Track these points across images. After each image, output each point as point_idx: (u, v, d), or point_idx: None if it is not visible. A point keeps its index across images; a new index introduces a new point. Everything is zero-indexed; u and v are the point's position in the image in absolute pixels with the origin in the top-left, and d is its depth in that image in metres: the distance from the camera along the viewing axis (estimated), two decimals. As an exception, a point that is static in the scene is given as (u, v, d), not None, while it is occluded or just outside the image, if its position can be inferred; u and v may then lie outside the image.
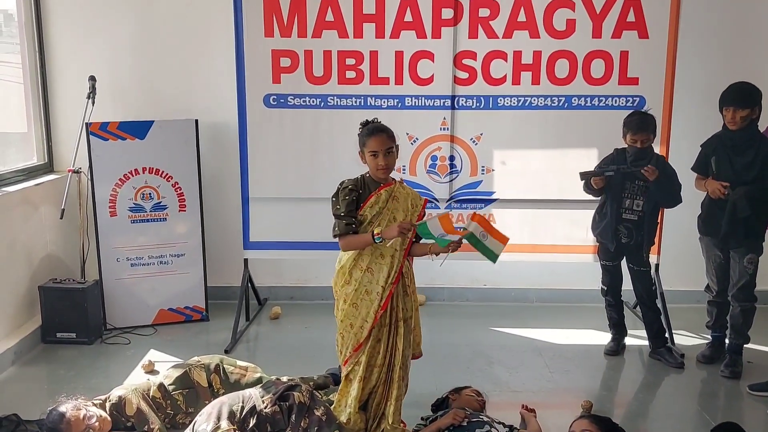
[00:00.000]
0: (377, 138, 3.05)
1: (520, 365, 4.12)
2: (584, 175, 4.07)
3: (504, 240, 3.03)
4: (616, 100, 4.33)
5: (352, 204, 3.07)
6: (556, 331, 4.61)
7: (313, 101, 4.39)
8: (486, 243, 3.01)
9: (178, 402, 3.31)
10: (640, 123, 3.95)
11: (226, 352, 4.17)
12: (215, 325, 4.69)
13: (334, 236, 3.10)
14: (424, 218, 3.04)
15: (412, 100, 4.38)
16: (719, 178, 3.84)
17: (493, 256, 3.04)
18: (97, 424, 3.03)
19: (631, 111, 4.11)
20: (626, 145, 4.01)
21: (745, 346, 4.00)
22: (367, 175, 3.14)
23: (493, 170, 4.47)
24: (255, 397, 3.10)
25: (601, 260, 4.26)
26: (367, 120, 3.16)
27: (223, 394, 3.26)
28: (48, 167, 4.90)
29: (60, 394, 3.17)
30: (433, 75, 4.34)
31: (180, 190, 4.63)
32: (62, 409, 3.02)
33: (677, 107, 4.36)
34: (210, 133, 4.84)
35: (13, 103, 4.90)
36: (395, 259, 3.08)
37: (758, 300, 3.96)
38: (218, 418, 2.96)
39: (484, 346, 4.38)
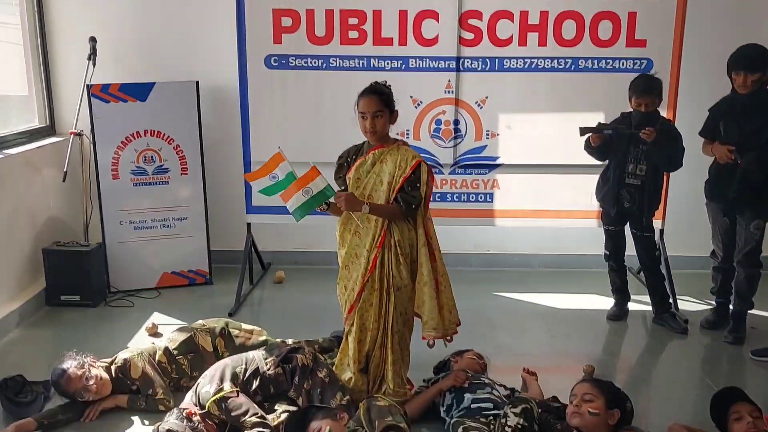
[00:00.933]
0: (366, 99, 3.01)
1: (523, 330, 4.13)
2: (584, 130, 3.99)
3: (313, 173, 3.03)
4: (623, 63, 4.26)
5: (339, 170, 3.21)
6: (559, 296, 4.61)
7: (314, 62, 4.32)
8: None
9: (183, 366, 3.32)
10: (644, 86, 3.88)
11: (230, 315, 4.18)
12: (219, 289, 4.69)
13: None
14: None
15: (416, 62, 4.31)
16: (728, 143, 3.78)
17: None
18: (94, 386, 3.06)
19: (638, 74, 4.04)
20: (632, 109, 3.96)
21: (749, 312, 3.99)
22: None
23: (498, 135, 4.42)
24: (258, 359, 3.11)
25: (604, 225, 4.23)
26: (376, 82, 3.11)
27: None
28: (50, 130, 4.88)
29: (71, 350, 3.19)
30: (437, 35, 4.26)
31: (182, 153, 4.60)
32: (66, 365, 3.07)
33: (685, 70, 4.28)
34: (211, 96, 4.79)
35: (13, 66, 4.84)
36: (379, 223, 3.05)
37: (763, 266, 3.94)
38: (221, 380, 2.97)
39: (487, 310, 4.39)
